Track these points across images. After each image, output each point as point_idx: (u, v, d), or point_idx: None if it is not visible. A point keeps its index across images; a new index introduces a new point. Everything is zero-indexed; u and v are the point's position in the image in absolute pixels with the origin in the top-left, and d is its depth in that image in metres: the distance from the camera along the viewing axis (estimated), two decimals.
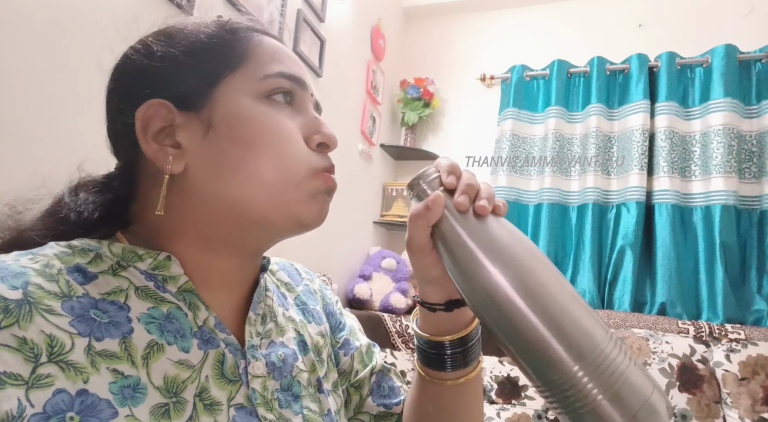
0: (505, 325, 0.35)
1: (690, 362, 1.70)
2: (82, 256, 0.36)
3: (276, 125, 0.39)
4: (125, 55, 0.41)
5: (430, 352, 0.46)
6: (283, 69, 0.41)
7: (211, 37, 0.40)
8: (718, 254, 1.99)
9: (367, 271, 2.23)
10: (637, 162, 2.16)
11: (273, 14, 1.60)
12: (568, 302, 0.35)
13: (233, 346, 0.40)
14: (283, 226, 0.40)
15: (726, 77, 2.10)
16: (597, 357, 0.32)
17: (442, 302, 0.45)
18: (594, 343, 0.33)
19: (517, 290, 0.35)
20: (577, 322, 0.34)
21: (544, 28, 2.59)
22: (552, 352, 0.33)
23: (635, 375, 0.33)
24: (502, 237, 0.37)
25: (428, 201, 0.39)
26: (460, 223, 0.39)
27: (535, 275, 0.35)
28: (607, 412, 0.32)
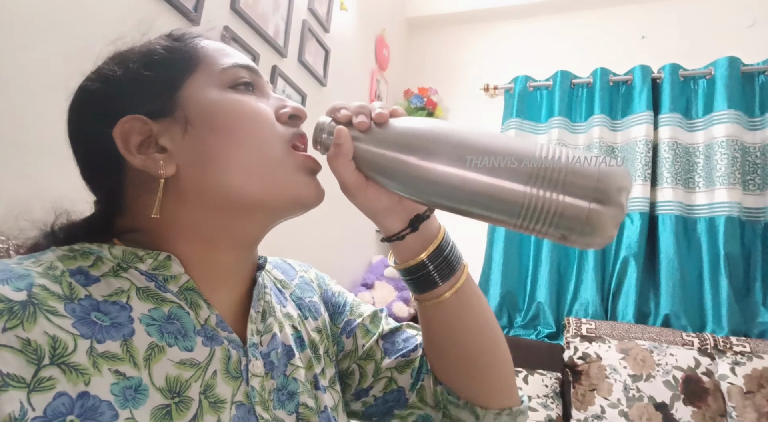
0: (459, 196, 0.38)
1: (695, 374, 1.68)
2: (84, 259, 0.36)
3: (245, 106, 0.41)
4: (82, 86, 0.42)
5: (417, 278, 0.47)
6: (236, 60, 0.43)
7: (165, 49, 0.42)
8: (722, 265, 1.98)
9: (370, 280, 2.22)
10: (640, 173, 2.16)
11: (278, 24, 1.62)
12: (492, 143, 0.37)
13: (235, 343, 0.40)
14: (282, 207, 0.41)
15: (729, 89, 2.11)
16: (537, 169, 0.35)
17: (406, 225, 0.46)
18: (529, 160, 0.36)
19: (449, 161, 0.37)
20: (507, 155, 0.36)
21: (547, 39, 2.61)
22: (504, 190, 0.36)
23: (577, 162, 0.35)
24: (413, 129, 0.40)
25: (335, 139, 0.41)
26: (372, 141, 0.41)
27: (454, 140, 0.38)
28: (574, 203, 0.34)
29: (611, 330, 1.94)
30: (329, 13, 1.95)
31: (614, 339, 1.86)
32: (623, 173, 0.35)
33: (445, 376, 0.51)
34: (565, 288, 2.23)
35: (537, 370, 1.88)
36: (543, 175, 0.35)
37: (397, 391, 0.53)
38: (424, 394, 0.52)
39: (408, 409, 0.53)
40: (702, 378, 1.67)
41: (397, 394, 0.53)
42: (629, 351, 1.78)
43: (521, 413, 0.51)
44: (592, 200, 0.34)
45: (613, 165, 0.35)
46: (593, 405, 1.71)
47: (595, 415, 1.69)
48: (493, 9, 2.67)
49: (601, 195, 0.34)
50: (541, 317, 2.21)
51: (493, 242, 2.37)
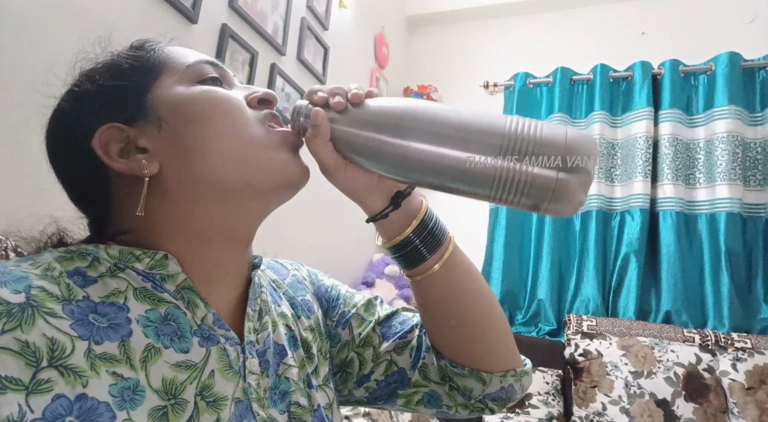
0: (433, 171, 0.39)
1: (696, 371, 1.68)
2: (81, 260, 0.36)
3: (217, 95, 0.42)
4: (56, 111, 0.42)
5: (405, 253, 0.48)
6: (199, 57, 0.44)
7: (127, 58, 0.42)
8: (723, 261, 1.98)
9: (370, 278, 2.22)
10: (641, 169, 2.15)
11: (277, 22, 1.62)
12: (462, 119, 0.39)
13: (233, 340, 0.40)
14: (268, 187, 0.41)
15: (730, 85, 2.10)
16: (507, 142, 0.37)
17: (387, 203, 0.46)
18: (498, 133, 0.37)
19: (422, 137, 0.39)
20: (477, 129, 0.38)
21: (547, 36, 2.60)
22: (476, 163, 0.37)
23: (545, 133, 0.37)
24: (388, 108, 0.41)
25: (312, 121, 0.42)
26: (348, 122, 0.42)
27: (426, 117, 0.40)
28: (542, 174, 0.36)
29: (612, 327, 1.94)
30: (328, 10, 1.94)
31: (615, 336, 1.86)
32: (589, 141, 0.37)
33: (447, 348, 0.52)
34: (566, 285, 2.23)
35: (538, 367, 1.88)
36: (512, 147, 0.37)
37: (398, 372, 0.53)
38: (427, 371, 0.53)
39: (412, 388, 0.53)
40: (703, 375, 1.67)
41: (399, 375, 0.53)
42: (630, 348, 1.78)
43: (525, 374, 0.53)
44: (560, 170, 0.36)
45: (580, 133, 0.37)
46: (594, 402, 1.71)
47: (597, 412, 1.69)
48: (492, 6, 2.66)
49: (568, 164, 0.36)
50: (542, 314, 2.21)
51: (494, 240, 2.37)
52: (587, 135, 0.38)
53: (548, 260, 2.23)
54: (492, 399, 0.52)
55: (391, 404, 0.55)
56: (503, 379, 0.51)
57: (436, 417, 1.24)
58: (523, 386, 0.53)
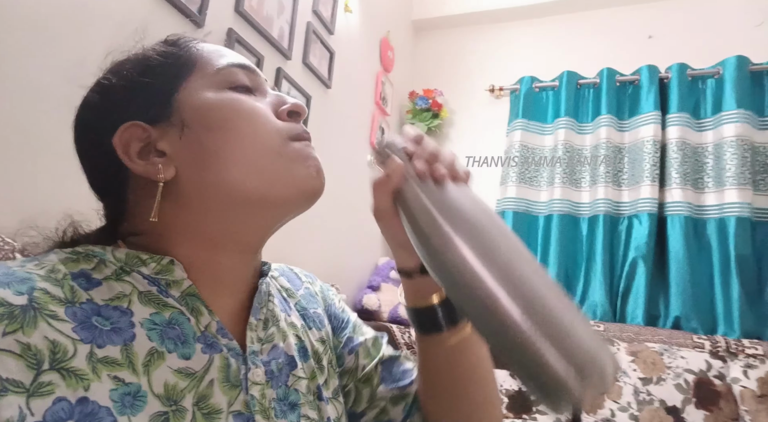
0: (461, 294, 0.34)
1: (706, 378, 1.65)
2: (87, 262, 0.36)
3: (242, 104, 0.41)
4: (84, 100, 0.42)
5: (423, 318, 0.46)
6: (231, 60, 0.43)
7: (159, 54, 0.42)
8: (733, 267, 1.95)
9: (376, 281, 2.22)
10: (648, 173, 2.14)
11: (283, 27, 1.62)
12: (520, 255, 0.34)
13: (235, 351, 0.39)
14: (286, 198, 0.41)
15: (738, 89, 2.09)
16: (547, 314, 0.32)
17: (417, 266, 0.45)
18: (545, 296, 0.32)
19: (473, 253, 0.34)
20: (530, 284, 0.33)
21: (553, 40, 2.60)
22: (504, 316, 0.32)
23: (583, 327, 0.32)
24: (460, 203, 0.37)
25: (389, 168, 0.40)
26: (419, 190, 0.39)
27: (489, 238, 0.35)
28: (555, 363, 0.31)
29: (620, 333, 1.92)
30: (334, 15, 1.95)
31: (623, 342, 1.84)
32: (614, 366, 0.32)
33: (434, 416, 0.51)
34: (573, 290, 2.21)
35: None
36: (547, 321, 0.32)
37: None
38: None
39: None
40: (714, 382, 1.65)
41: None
42: (639, 354, 1.76)
43: None
44: (573, 370, 0.31)
45: (611, 354, 0.33)
46: (603, 409, 1.69)
47: (605, 419, 1.67)
48: (498, 10, 2.66)
49: (582, 372, 0.31)
50: None
51: None
52: (616, 361, 0.33)
53: (555, 264, 2.21)
54: None
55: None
56: None
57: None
58: None
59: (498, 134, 2.58)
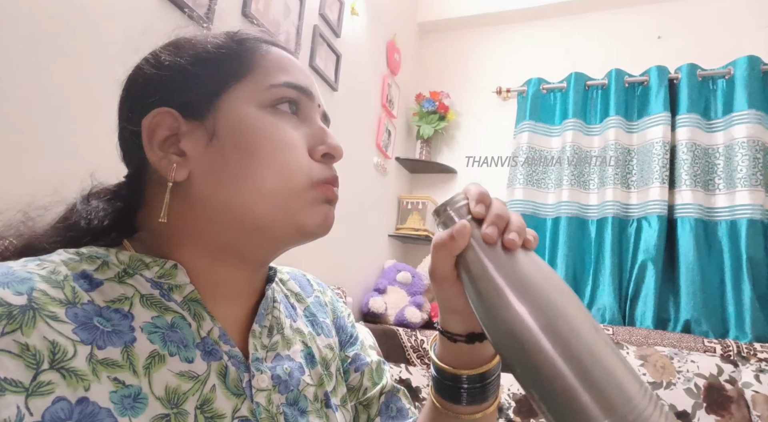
0: (528, 368, 0.33)
1: (717, 382, 1.63)
2: (90, 263, 0.36)
3: (279, 134, 0.39)
4: (137, 65, 0.42)
5: (446, 383, 0.45)
6: (290, 79, 0.41)
7: (219, 47, 0.40)
8: (744, 269, 1.92)
9: (382, 284, 2.21)
10: (657, 175, 2.11)
11: (289, 30, 1.63)
12: (599, 348, 0.32)
13: (237, 359, 0.39)
14: (287, 234, 0.40)
15: (749, 89, 2.06)
16: (628, 413, 0.29)
17: (464, 333, 0.43)
18: (626, 396, 0.30)
19: (545, 331, 0.32)
20: (609, 371, 0.31)
21: (560, 41, 2.58)
22: (579, 403, 0.30)
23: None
24: (531, 274, 0.35)
25: (454, 230, 0.37)
26: (486, 255, 0.37)
27: (565, 317, 0.33)
28: None
29: (629, 336, 1.89)
30: (340, 18, 1.95)
31: (633, 345, 1.82)
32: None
33: None
34: (582, 293, 2.19)
35: None
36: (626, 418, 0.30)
37: None
38: None
39: None
40: (725, 386, 1.62)
41: None
42: (648, 358, 1.73)
43: None
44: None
45: None
46: None
47: None
48: (504, 12, 2.65)
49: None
50: None
51: None
52: None
53: (563, 266, 2.20)
54: None
55: None
56: None
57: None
58: None
59: (505, 135, 2.56)
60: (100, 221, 0.40)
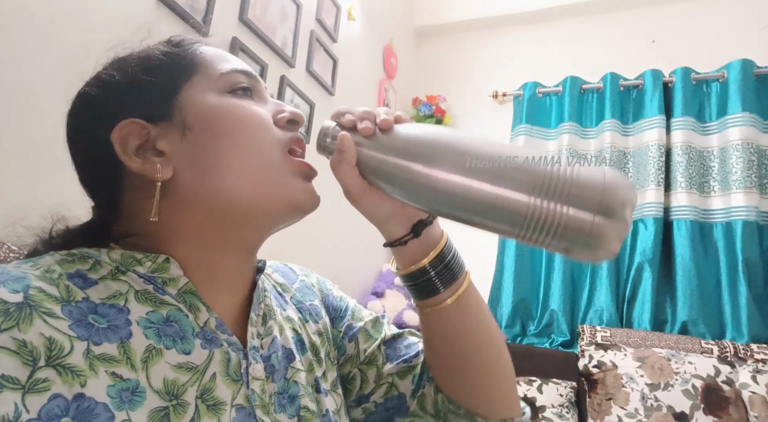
0: (462, 204, 0.37)
1: (715, 383, 1.63)
2: (82, 263, 0.36)
3: (244, 111, 0.41)
4: (81, 93, 0.42)
5: (419, 283, 0.46)
6: (234, 66, 0.43)
7: (163, 54, 0.42)
8: (740, 270, 1.93)
9: (380, 288, 2.21)
10: (653, 178, 2.13)
11: (286, 35, 1.64)
12: (496, 152, 0.37)
13: (236, 346, 0.40)
14: (277, 212, 0.41)
15: (743, 92, 2.08)
16: (542, 180, 0.34)
17: (408, 230, 0.45)
18: (534, 170, 0.35)
19: (452, 169, 0.37)
20: (511, 164, 0.36)
21: (556, 45, 2.60)
22: (508, 200, 0.35)
23: (583, 174, 0.34)
24: (417, 135, 0.40)
25: (338, 145, 0.41)
26: (375, 147, 0.40)
27: (458, 148, 0.38)
28: (577, 216, 0.34)
29: (627, 338, 1.90)
30: (337, 23, 1.97)
31: (630, 347, 1.82)
32: (628, 186, 0.35)
33: (446, 385, 0.51)
34: (579, 295, 2.20)
35: (551, 379, 1.84)
36: (548, 186, 0.34)
37: (398, 397, 0.52)
38: (425, 402, 0.51)
39: (409, 417, 0.52)
40: (722, 387, 1.63)
41: (398, 401, 0.52)
42: (646, 360, 1.74)
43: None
44: (597, 213, 0.33)
45: (619, 177, 0.35)
46: (610, 415, 1.67)
47: None
48: (500, 16, 2.67)
49: (606, 209, 0.33)
50: (554, 325, 2.17)
51: (505, 249, 2.35)
52: (627, 180, 0.35)
53: (560, 269, 2.20)
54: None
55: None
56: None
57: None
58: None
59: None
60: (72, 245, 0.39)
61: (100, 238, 0.40)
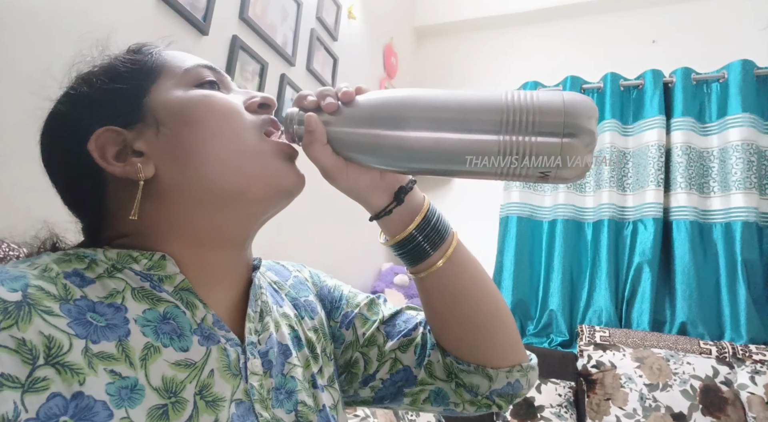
0: (435, 157, 0.39)
1: (713, 384, 1.64)
2: (79, 262, 0.36)
3: (214, 99, 0.42)
4: (51, 113, 0.42)
5: (409, 250, 0.47)
6: (197, 61, 0.44)
7: (125, 62, 0.42)
8: (740, 271, 1.93)
9: (379, 287, 2.21)
10: (653, 178, 2.13)
11: (287, 34, 1.64)
12: (457, 100, 0.39)
13: (233, 341, 0.40)
14: (263, 196, 0.41)
15: (743, 93, 2.08)
16: (506, 116, 0.37)
17: (391, 199, 0.46)
18: (496, 109, 0.37)
19: (419, 125, 0.39)
20: (474, 108, 0.38)
21: (556, 45, 2.60)
22: (478, 143, 0.38)
23: (542, 100, 0.37)
24: (380, 101, 0.41)
25: (306, 126, 0.42)
26: (343, 122, 0.41)
27: (420, 104, 0.39)
28: (546, 141, 0.36)
29: (626, 338, 1.90)
30: (337, 22, 1.96)
31: (629, 347, 1.83)
32: (586, 102, 0.37)
33: (452, 345, 0.52)
34: (578, 295, 2.20)
35: (550, 379, 1.84)
36: (512, 119, 0.37)
37: (404, 370, 0.53)
38: (433, 369, 0.53)
39: (418, 386, 0.53)
40: (721, 388, 1.63)
41: (404, 373, 0.53)
42: (645, 360, 1.74)
43: (531, 369, 0.53)
44: (564, 135, 0.36)
45: (576, 95, 0.37)
46: (609, 415, 1.68)
47: None
48: (500, 16, 2.67)
49: (571, 128, 0.36)
50: (553, 325, 2.17)
51: (504, 249, 2.35)
52: (583, 96, 0.38)
53: (559, 269, 2.20)
54: (499, 395, 0.52)
55: (397, 403, 0.54)
56: (509, 375, 0.51)
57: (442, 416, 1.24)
58: (530, 381, 0.53)
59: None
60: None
61: (90, 245, 0.41)
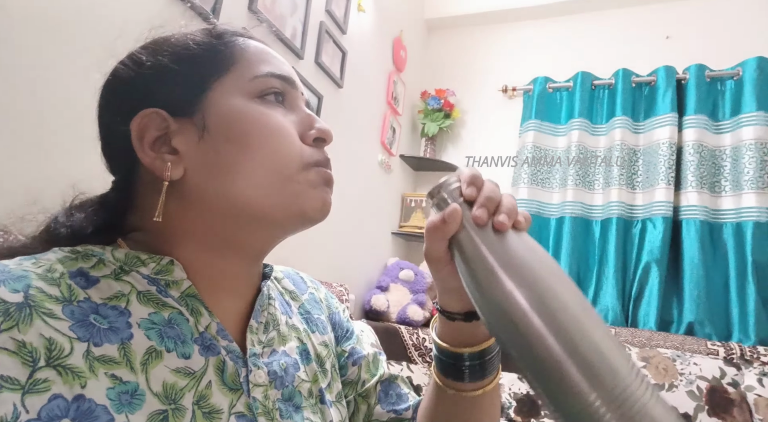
0: (520, 346, 0.33)
1: (720, 385, 1.62)
2: (85, 261, 0.36)
3: (269, 122, 0.40)
4: (114, 70, 0.41)
5: (448, 362, 0.45)
6: (272, 69, 0.42)
7: (198, 44, 0.40)
8: (749, 272, 1.91)
9: (385, 282, 2.21)
10: (663, 176, 2.10)
11: (296, 26, 1.62)
12: (589, 326, 0.32)
13: (234, 354, 0.39)
14: (284, 220, 0.40)
15: (758, 90, 2.04)
16: (616, 389, 0.30)
17: (462, 312, 0.44)
18: (615, 373, 0.30)
19: (534, 308, 0.32)
20: (598, 349, 0.31)
21: (567, 40, 2.56)
22: (569, 378, 0.30)
23: (657, 412, 0.30)
24: (521, 254, 0.35)
25: (445, 213, 0.38)
26: (477, 237, 0.37)
27: (554, 295, 0.33)
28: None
29: (632, 338, 1.89)
30: (347, 14, 1.95)
31: (635, 347, 1.81)
32: None
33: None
34: (585, 294, 2.18)
35: None
36: (618, 399, 0.30)
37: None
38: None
39: None
40: (727, 389, 1.61)
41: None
42: (651, 360, 1.73)
43: None
44: None
45: None
46: None
47: None
48: (511, 10, 2.64)
49: None
50: None
51: None
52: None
53: (566, 267, 2.19)
54: None
55: None
56: None
57: None
58: None
59: (510, 134, 2.55)
60: (84, 230, 0.39)
61: (110, 229, 0.40)
